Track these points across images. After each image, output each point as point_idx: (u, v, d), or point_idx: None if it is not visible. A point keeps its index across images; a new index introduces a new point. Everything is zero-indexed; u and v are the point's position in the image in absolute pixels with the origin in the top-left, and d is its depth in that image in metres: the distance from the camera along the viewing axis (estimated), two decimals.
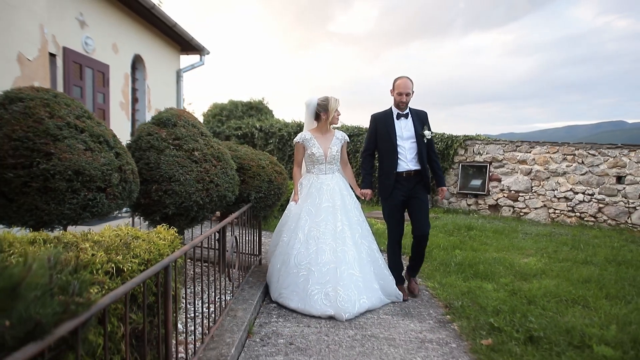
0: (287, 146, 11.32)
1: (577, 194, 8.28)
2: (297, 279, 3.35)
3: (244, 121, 11.82)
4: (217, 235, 3.57)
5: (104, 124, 2.68)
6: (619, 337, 2.72)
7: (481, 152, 9.37)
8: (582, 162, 8.24)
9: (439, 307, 3.53)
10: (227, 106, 12.81)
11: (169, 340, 1.72)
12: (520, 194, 8.93)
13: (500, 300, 3.50)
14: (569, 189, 8.37)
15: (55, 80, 5.34)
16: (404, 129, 3.71)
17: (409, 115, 3.73)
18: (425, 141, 3.72)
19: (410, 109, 3.76)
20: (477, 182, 9.49)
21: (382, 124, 3.75)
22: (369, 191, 3.83)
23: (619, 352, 2.52)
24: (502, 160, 9.13)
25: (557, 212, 8.51)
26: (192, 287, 3.25)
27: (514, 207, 9.00)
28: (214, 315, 2.59)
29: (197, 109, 23.90)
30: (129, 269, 1.52)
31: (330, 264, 3.33)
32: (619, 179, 7.89)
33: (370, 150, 3.91)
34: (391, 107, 3.78)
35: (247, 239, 3.78)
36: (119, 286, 1.38)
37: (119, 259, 1.52)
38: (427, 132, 3.71)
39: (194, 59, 9.64)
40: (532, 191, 8.80)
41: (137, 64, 7.75)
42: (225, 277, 3.08)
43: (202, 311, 2.43)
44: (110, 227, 1.94)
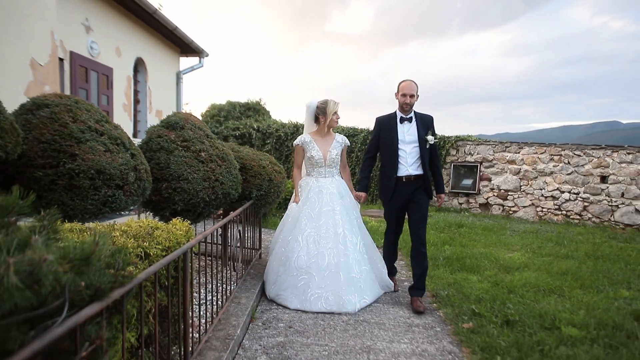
0: (284, 146, 11.57)
1: (563, 193, 8.62)
2: (297, 282, 3.38)
3: (241, 122, 12.06)
4: (220, 230, 3.83)
5: (120, 127, 2.94)
6: (585, 320, 3.02)
7: (472, 153, 9.69)
8: (568, 163, 8.58)
9: (426, 296, 3.80)
10: (225, 107, 13.03)
11: (186, 316, 1.99)
12: (509, 193, 9.25)
13: (483, 290, 3.79)
14: (555, 188, 8.70)
15: (63, 83, 5.57)
16: (407, 133, 3.65)
17: (413, 119, 3.68)
18: (427, 146, 3.64)
19: (415, 112, 3.71)
20: (468, 182, 9.81)
21: (386, 127, 3.72)
22: (363, 194, 3.89)
23: (583, 332, 2.82)
24: (492, 160, 9.45)
25: (544, 210, 8.84)
26: (197, 279, 3.51)
27: (503, 205, 9.32)
28: (220, 302, 2.85)
29: (195, 110, 24.04)
30: (154, 253, 1.79)
31: (331, 269, 3.37)
32: (603, 179, 8.23)
33: (371, 153, 3.89)
34: (396, 111, 3.73)
35: (248, 235, 4.04)
36: (148, 267, 1.65)
37: (145, 245, 1.79)
38: (429, 137, 3.63)
39: (193, 61, 9.89)
40: (521, 190, 9.12)
41: (138, 66, 7.98)
42: (229, 269, 3.34)
43: (209, 299, 2.69)
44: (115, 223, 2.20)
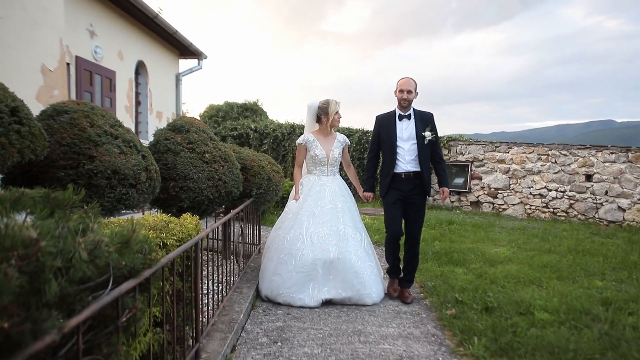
0: (280, 146, 11.83)
1: (550, 191, 8.94)
2: (301, 279, 3.41)
3: (239, 122, 12.30)
4: (221, 227, 4.09)
5: (132, 131, 3.20)
6: (557, 306, 3.31)
7: (463, 152, 10.00)
8: (555, 162, 8.90)
9: (414, 287, 4.08)
10: (223, 107, 13.27)
11: (197, 300, 2.25)
12: (499, 191, 9.57)
13: (467, 281, 4.08)
14: (543, 187, 9.03)
15: (69, 87, 5.81)
16: (405, 130, 3.69)
17: (412, 116, 3.71)
18: (425, 142, 3.66)
19: (414, 110, 3.74)
20: (459, 180, 10.11)
21: (385, 125, 3.76)
22: (370, 194, 3.93)
23: (554, 316, 3.11)
24: (482, 159, 9.76)
25: (532, 208, 9.16)
26: (203, 271, 3.77)
27: (493, 203, 9.64)
28: (224, 292, 3.12)
29: (193, 111, 24.23)
30: (171, 243, 2.05)
31: (336, 265, 3.43)
32: (588, 177, 8.56)
33: (374, 152, 3.91)
34: (395, 109, 3.76)
35: (248, 231, 4.31)
36: (166, 254, 1.91)
37: (163, 236, 2.05)
38: (427, 134, 3.64)
39: (192, 63, 10.14)
40: (510, 188, 9.44)
41: (140, 69, 8.22)
42: (231, 262, 3.61)
43: (213, 289, 2.95)
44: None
